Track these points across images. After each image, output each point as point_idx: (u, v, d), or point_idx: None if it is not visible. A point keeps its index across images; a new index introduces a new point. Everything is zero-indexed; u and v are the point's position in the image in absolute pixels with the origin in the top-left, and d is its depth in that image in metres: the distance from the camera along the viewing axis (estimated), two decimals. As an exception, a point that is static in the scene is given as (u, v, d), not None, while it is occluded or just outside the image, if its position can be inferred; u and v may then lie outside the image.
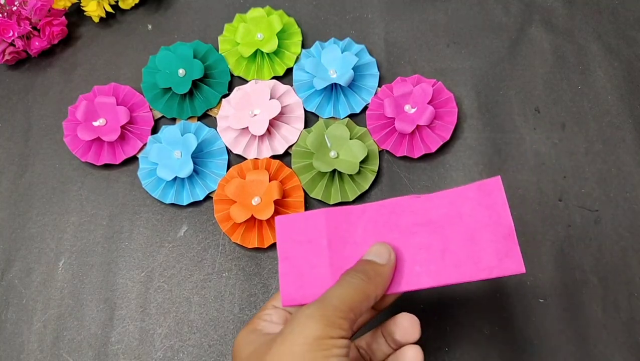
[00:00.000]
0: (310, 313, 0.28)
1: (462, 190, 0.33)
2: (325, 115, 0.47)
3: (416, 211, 0.33)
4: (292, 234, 0.34)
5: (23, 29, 0.48)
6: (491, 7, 0.52)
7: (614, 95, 0.48)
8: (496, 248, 0.31)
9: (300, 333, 0.28)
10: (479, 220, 0.32)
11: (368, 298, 0.30)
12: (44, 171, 0.47)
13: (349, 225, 0.33)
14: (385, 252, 0.32)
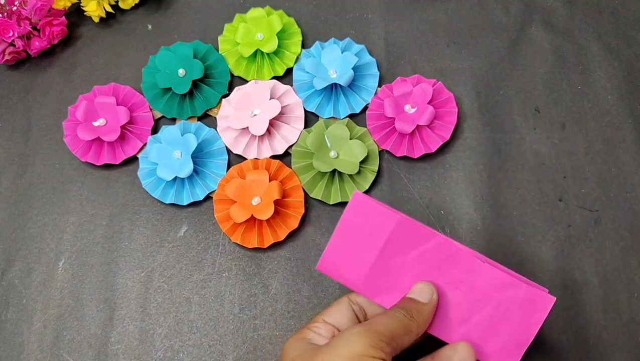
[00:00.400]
0: (357, 332, 0.31)
1: (518, 283, 0.33)
2: (325, 115, 0.47)
3: (470, 271, 0.34)
4: (359, 218, 0.35)
5: (23, 29, 0.48)
6: (491, 7, 0.52)
7: (614, 95, 0.48)
8: (503, 347, 0.34)
9: (345, 347, 0.30)
10: (510, 317, 0.34)
11: (410, 333, 0.32)
12: (44, 171, 0.47)
13: (410, 242, 0.34)
14: (429, 292, 0.34)
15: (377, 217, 0.35)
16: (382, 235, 0.34)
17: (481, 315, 0.34)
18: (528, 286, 0.33)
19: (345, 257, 0.35)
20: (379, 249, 0.35)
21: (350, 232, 0.35)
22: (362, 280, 0.35)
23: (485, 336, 0.34)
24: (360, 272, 0.35)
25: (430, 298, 0.34)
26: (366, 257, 0.35)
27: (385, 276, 0.35)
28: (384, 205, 0.35)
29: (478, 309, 0.34)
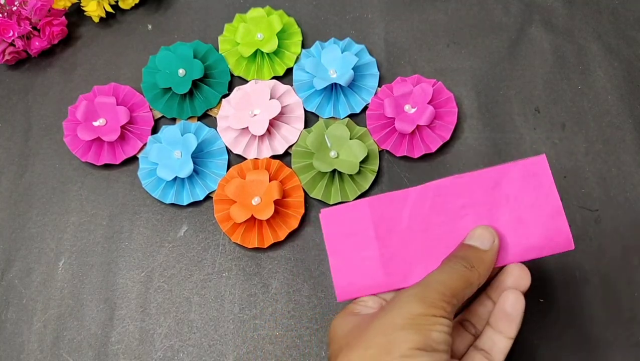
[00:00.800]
0: (413, 294, 0.29)
1: (505, 169, 0.32)
2: (325, 115, 0.47)
3: (461, 193, 0.33)
4: (338, 227, 0.34)
5: (23, 29, 0.48)
6: (491, 7, 0.52)
7: (614, 95, 0.48)
8: (545, 227, 0.32)
9: (402, 309, 0.28)
10: (526, 201, 0.32)
11: (471, 286, 0.30)
12: (44, 171, 0.47)
13: (394, 212, 0.33)
14: (489, 237, 0.31)
15: (351, 215, 0.34)
16: (367, 225, 0.33)
17: (504, 221, 0.32)
18: (516, 163, 0.32)
19: (354, 270, 0.33)
20: (374, 239, 0.33)
21: (339, 246, 0.34)
22: (384, 278, 0.33)
23: (522, 234, 0.32)
24: (376, 270, 0.33)
25: (491, 244, 0.31)
26: (370, 254, 0.33)
27: (399, 260, 0.33)
28: (351, 202, 0.34)
29: (497, 218, 0.32)
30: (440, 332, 0.28)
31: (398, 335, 0.27)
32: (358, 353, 0.28)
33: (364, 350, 0.28)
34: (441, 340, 0.28)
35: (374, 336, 0.28)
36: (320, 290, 0.43)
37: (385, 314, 0.29)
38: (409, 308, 0.28)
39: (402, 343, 0.27)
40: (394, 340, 0.27)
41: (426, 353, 0.27)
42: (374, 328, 0.28)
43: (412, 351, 0.27)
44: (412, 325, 0.27)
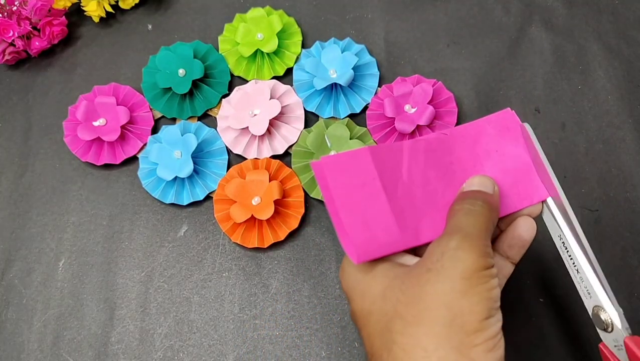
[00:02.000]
0: (458, 245, 0.27)
1: (480, 126, 0.33)
2: (325, 115, 0.47)
3: (448, 150, 0.32)
4: (340, 179, 0.29)
5: (23, 29, 0.48)
6: (491, 7, 0.52)
7: (614, 95, 0.48)
8: (521, 180, 0.32)
9: (454, 268, 0.26)
10: (504, 154, 0.33)
11: (493, 226, 0.30)
12: (44, 171, 0.47)
13: (395, 162, 0.31)
14: (490, 184, 0.31)
15: (354, 163, 0.30)
16: (373, 175, 0.30)
17: (491, 173, 0.32)
18: (489, 119, 0.33)
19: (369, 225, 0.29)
20: (382, 190, 0.30)
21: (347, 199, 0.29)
22: (399, 234, 0.30)
23: (511, 185, 0.32)
24: (392, 228, 0.30)
25: (493, 189, 0.31)
26: (381, 209, 0.30)
27: (409, 214, 0.30)
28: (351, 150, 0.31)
29: (482, 172, 0.32)
30: (496, 288, 0.27)
31: (463, 306, 0.26)
32: (424, 330, 0.26)
33: (430, 326, 0.26)
34: (498, 296, 0.27)
35: (436, 309, 0.26)
36: (320, 290, 0.43)
37: (438, 278, 0.26)
38: (463, 265, 0.26)
39: (470, 316, 0.26)
40: (460, 314, 0.26)
41: (493, 319, 0.27)
42: (433, 298, 0.26)
43: (482, 323, 0.26)
44: (473, 289, 0.26)
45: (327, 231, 0.44)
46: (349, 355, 0.41)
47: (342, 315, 0.42)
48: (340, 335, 0.42)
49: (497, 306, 0.27)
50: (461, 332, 0.26)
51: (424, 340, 0.26)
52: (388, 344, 0.27)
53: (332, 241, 0.44)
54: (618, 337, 0.31)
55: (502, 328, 0.27)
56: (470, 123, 0.33)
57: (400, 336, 0.27)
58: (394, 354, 0.27)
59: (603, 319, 0.31)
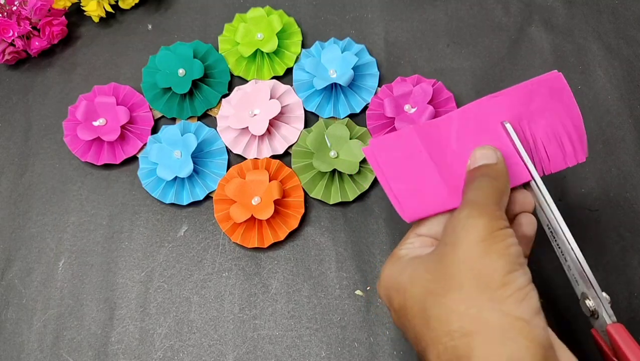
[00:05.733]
0: (468, 214, 0.28)
1: (534, 85, 0.34)
2: (325, 115, 0.47)
3: (501, 110, 0.34)
4: (389, 154, 0.33)
5: (23, 29, 0.48)
6: (491, 7, 0.52)
7: (614, 95, 0.48)
8: (571, 138, 0.34)
9: (468, 235, 0.28)
10: (557, 113, 0.34)
11: (503, 193, 0.31)
12: (44, 171, 0.47)
13: (441, 137, 0.34)
14: (492, 153, 0.32)
15: (400, 141, 0.34)
16: (419, 149, 0.33)
17: (542, 133, 0.34)
18: (539, 79, 0.34)
19: (418, 190, 0.33)
20: (429, 160, 0.33)
21: (396, 170, 0.33)
22: (448, 195, 0.33)
23: (559, 145, 0.34)
24: (440, 189, 0.33)
25: (496, 156, 0.32)
26: (430, 175, 0.33)
27: (458, 177, 0.33)
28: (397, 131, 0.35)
29: (535, 130, 0.34)
30: (515, 245, 0.28)
31: (484, 265, 0.27)
32: (453, 297, 0.27)
33: (458, 292, 0.27)
34: (519, 252, 0.28)
35: (459, 274, 0.27)
36: (320, 290, 0.43)
37: (455, 248, 0.28)
38: (476, 230, 0.28)
39: (493, 273, 0.27)
40: (484, 272, 0.27)
41: (517, 273, 0.27)
42: (455, 266, 0.27)
43: (507, 277, 0.27)
44: (490, 248, 0.27)
45: (327, 231, 0.44)
46: (349, 355, 0.41)
47: (342, 315, 0.42)
48: (340, 335, 0.42)
49: (521, 262, 0.28)
50: (488, 289, 0.27)
51: (455, 306, 0.27)
52: (426, 321, 0.28)
53: (332, 241, 0.44)
54: (603, 324, 0.32)
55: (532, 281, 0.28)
56: (520, 85, 0.34)
57: (434, 309, 0.28)
58: (432, 328, 0.28)
59: (588, 306, 0.32)
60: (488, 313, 0.26)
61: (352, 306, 0.42)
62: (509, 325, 0.26)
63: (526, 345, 0.25)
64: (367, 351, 0.41)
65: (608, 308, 0.32)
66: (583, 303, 0.33)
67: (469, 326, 0.26)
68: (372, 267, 0.43)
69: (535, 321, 0.26)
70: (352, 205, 0.45)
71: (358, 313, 0.42)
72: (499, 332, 0.26)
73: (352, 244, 0.44)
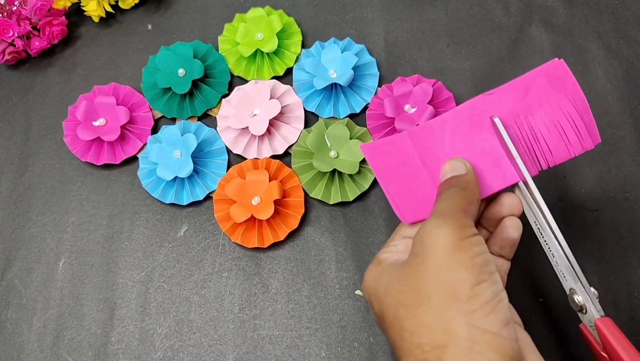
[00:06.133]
0: (434, 225, 0.29)
1: (531, 77, 0.34)
2: (325, 115, 0.47)
3: (496, 107, 0.34)
4: (383, 159, 0.34)
5: (23, 29, 0.48)
6: (491, 7, 0.52)
7: (614, 95, 0.48)
8: (576, 125, 0.34)
9: (435, 245, 0.28)
10: (557, 103, 0.34)
11: (472, 202, 0.31)
12: (44, 171, 0.47)
13: (435, 140, 0.34)
14: (460, 164, 0.33)
15: (394, 147, 0.34)
16: (412, 155, 0.34)
17: (542, 125, 0.34)
18: (540, 70, 0.33)
19: (413, 194, 0.34)
20: (422, 167, 0.34)
21: (392, 175, 0.34)
22: None
23: (562, 136, 0.34)
24: (433, 195, 0.34)
25: (465, 168, 0.33)
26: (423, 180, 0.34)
27: None
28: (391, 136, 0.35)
29: (534, 123, 0.34)
30: (482, 254, 0.28)
31: (450, 278, 0.27)
32: (423, 310, 0.27)
33: (427, 305, 0.27)
34: (486, 261, 0.28)
35: (427, 287, 0.28)
36: (320, 290, 0.43)
37: (424, 259, 0.28)
38: (442, 240, 0.28)
39: (460, 286, 0.27)
40: (451, 285, 0.27)
41: (485, 284, 0.27)
42: (423, 278, 0.28)
43: (474, 290, 0.27)
44: (456, 259, 0.27)
45: (327, 231, 0.44)
46: (348, 355, 0.41)
47: (342, 315, 0.42)
48: (340, 335, 0.42)
49: (489, 271, 0.28)
50: (456, 302, 0.27)
51: (425, 318, 0.27)
52: (399, 332, 0.29)
53: (332, 241, 0.44)
54: (591, 318, 0.32)
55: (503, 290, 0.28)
56: (518, 78, 0.34)
57: (406, 321, 0.28)
58: (404, 339, 0.28)
59: (577, 301, 0.32)
60: (457, 326, 0.26)
61: (352, 306, 0.42)
62: (478, 338, 0.26)
63: (494, 359, 0.26)
64: (367, 351, 0.41)
65: (596, 302, 0.32)
66: (571, 299, 0.33)
67: (438, 339, 0.27)
68: (372, 267, 0.43)
69: (504, 333, 0.27)
70: (352, 205, 0.45)
71: (358, 313, 0.42)
72: (468, 346, 0.26)
73: (352, 244, 0.44)
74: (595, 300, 0.32)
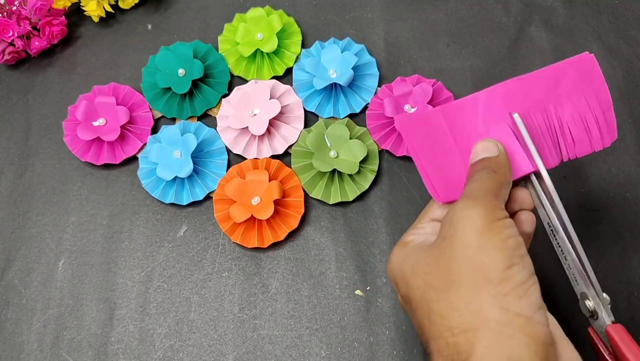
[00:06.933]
0: (464, 206, 0.28)
1: (562, 68, 0.34)
2: (325, 115, 0.47)
3: (527, 93, 0.34)
4: (418, 135, 0.33)
5: (23, 29, 0.48)
6: (491, 7, 0.52)
7: (614, 95, 0.48)
8: (598, 121, 0.34)
9: (465, 227, 0.28)
10: (585, 96, 0.34)
11: (503, 185, 0.31)
12: (44, 171, 0.47)
13: (467, 119, 0.34)
14: (492, 146, 0.32)
15: (427, 123, 0.33)
16: (445, 132, 0.33)
17: (568, 117, 0.34)
18: (570, 61, 0.34)
19: (446, 173, 0.33)
20: (454, 147, 0.33)
21: (424, 152, 0.33)
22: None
23: (586, 129, 0.34)
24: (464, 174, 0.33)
25: (497, 149, 0.32)
26: (455, 159, 0.33)
27: None
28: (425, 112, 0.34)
29: (561, 114, 0.34)
30: (514, 236, 0.28)
31: (482, 260, 0.27)
32: (453, 293, 0.27)
33: (457, 287, 0.27)
34: (519, 244, 0.28)
35: (458, 269, 0.27)
36: (320, 290, 0.43)
37: (453, 241, 0.28)
38: (472, 222, 0.27)
39: (492, 268, 0.27)
40: (482, 267, 0.27)
41: (517, 267, 0.27)
42: (453, 260, 0.27)
43: (506, 272, 0.26)
44: (488, 241, 0.27)
45: (327, 231, 0.44)
46: (348, 355, 0.41)
47: (342, 315, 0.42)
48: (340, 334, 0.42)
49: (521, 254, 0.28)
50: (488, 285, 0.26)
51: (455, 301, 0.27)
52: (427, 314, 0.28)
53: (332, 241, 0.44)
54: (602, 324, 0.32)
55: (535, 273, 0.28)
56: (549, 67, 0.34)
57: (436, 303, 0.28)
58: (433, 321, 0.28)
59: (588, 306, 0.32)
60: (488, 309, 0.26)
61: (352, 306, 0.42)
62: (509, 321, 0.26)
63: (526, 342, 0.25)
64: (367, 351, 0.41)
65: (608, 309, 0.31)
66: (582, 303, 0.33)
67: (469, 322, 0.26)
68: (372, 267, 0.43)
69: (536, 317, 0.26)
70: (352, 205, 0.45)
71: (358, 313, 0.42)
72: (499, 329, 0.26)
73: (352, 244, 0.44)
74: (607, 306, 0.32)
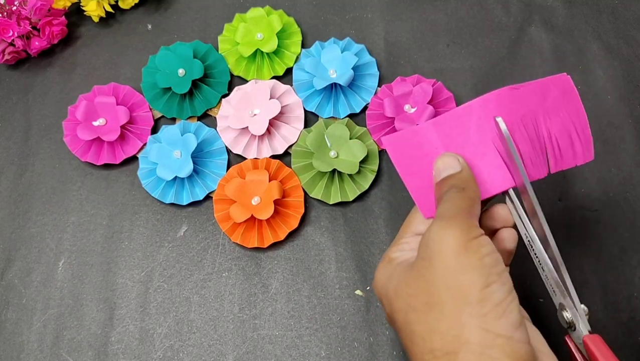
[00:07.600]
0: (440, 227, 0.28)
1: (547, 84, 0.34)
2: (325, 115, 0.47)
3: (520, 104, 0.34)
4: (405, 151, 0.33)
5: (23, 29, 0.48)
6: (491, 7, 0.52)
7: (613, 95, 0.48)
8: (580, 138, 0.34)
9: (441, 248, 0.28)
10: (567, 113, 0.34)
11: (473, 201, 0.30)
12: (44, 171, 0.47)
13: (460, 130, 0.33)
14: (453, 160, 0.32)
15: (417, 138, 0.33)
16: (436, 145, 0.33)
17: (557, 130, 0.34)
18: (551, 79, 0.34)
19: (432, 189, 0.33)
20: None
21: (412, 169, 0.33)
22: None
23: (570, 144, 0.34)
24: None
25: (459, 164, 0.32)
26: None
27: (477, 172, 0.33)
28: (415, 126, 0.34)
29: (551, 126, 0.34)
30: (490, 254, 0.28)
31: (460, 281, 0.27)
32: (434, 315, 0.27)
33: (439, 310, 0.27)
34: (495, 261, 0.28)
35: (438, 292, 0.27)
36: (320, 290, 0.43)
37: (431, 263, 0.28)
38: (448, 243, 0.27)
39: (470, 288, 0.27)
40: (461, 288, 0.27)
41: (495, 286, 0.27)
42: (432, 282, 0.28)
43: (484, 293, 0.27)
44: (465, 262, 0.27)
45: (327, 231, 0.44)
46: (348, 355, 0.41)
47: (342, 315, 0.42)
48: (340, 335, 0.42)
49: (498, 272, 0.28)
50: (468, 306, 0.27)
51: (436, 324, 0.27)
52: (410, 336, 0.28)
53: (331, 241, 0.44)
54: (580, 335, 0.32)
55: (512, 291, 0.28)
56: (537, 81, 0.34)
57: (417, 325, 0.28)
58: (416, 343, 0.28)
59: (565, 318, 0.32)
60: (470, 331, 0.26)
61: (352, 306, 0.42)
62: (491, 342, 0.26)
63: None
64: (367, 351, 0.41)
65: (585, 320, 0.31)
66: (560, 314, 0.33)
67: (450, 345, 0.26)
68: (372, 267, 0.43)
69: (516, 336, 0.26)
70: (352, 205, 0.45)
71: (358, 313, 0.42)
72: (481, 351, 0.26)
73: (352, 244, 0.44)
74: (584, 317, 0.32)
